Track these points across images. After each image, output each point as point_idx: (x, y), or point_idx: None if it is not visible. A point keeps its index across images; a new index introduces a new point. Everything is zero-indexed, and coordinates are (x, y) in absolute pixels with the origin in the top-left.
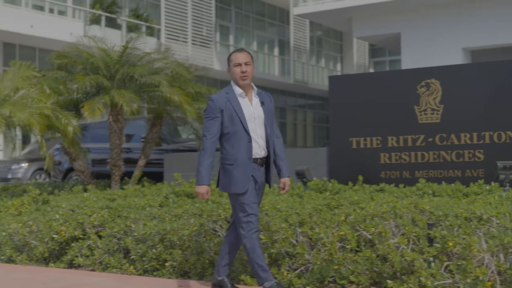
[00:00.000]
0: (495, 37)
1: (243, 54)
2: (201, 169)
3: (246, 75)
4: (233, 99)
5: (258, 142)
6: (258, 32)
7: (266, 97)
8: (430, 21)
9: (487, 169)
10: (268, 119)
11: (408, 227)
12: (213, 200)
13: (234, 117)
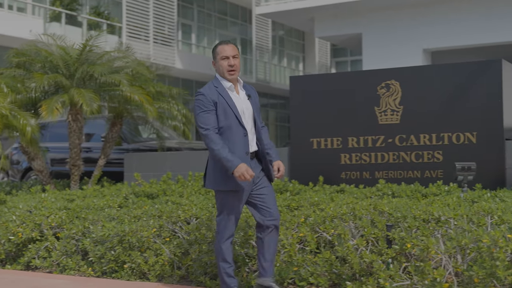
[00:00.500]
0: (455, 39)
1: (230, 46)
2: (224, 154)
3: (234, 69)
4: (223, 92)
5: (249, 137)
6: (220, 31)
7: (251, 90)
8: (391, 22)
9: (446, 170)
10: (257, 112)
11: (367, 228)
12: (173, 201)
13: (227, 111)
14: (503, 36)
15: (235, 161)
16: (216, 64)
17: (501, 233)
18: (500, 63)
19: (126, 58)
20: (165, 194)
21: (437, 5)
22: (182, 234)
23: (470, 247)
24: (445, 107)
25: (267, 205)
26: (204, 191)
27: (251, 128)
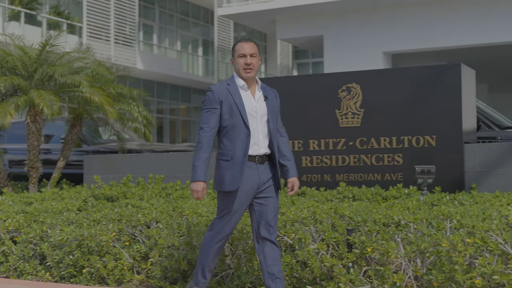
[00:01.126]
0: (415, 42)
1: (249, 44)
2: (196, 164)
3: (251, 68)
4: (234, 90)
5: (257, 138)
6: (182, 31)
7: (270, 92)
8: (352, 24)
9: (406, 173)
10: (271, 115)
11: (327, 232)
12: (133, 205)
13: (233, 109)
14: (463, 39)
15: (198, 175)
16: (234, 61)
17: (460, 237)
18: (459, 67)
19: (86, 59)
20: (125, 197)
21: (397, 9)
22: (142, 238)
23: (430, 251)
24: (405, 110)
25: (264, 216)
26: (165, 194)
27: (262, 130)
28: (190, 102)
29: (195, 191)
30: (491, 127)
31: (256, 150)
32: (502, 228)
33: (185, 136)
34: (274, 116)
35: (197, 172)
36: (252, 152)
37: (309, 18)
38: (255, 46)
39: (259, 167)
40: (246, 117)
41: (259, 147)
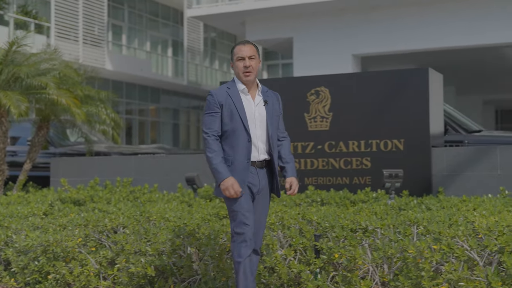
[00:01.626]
0: (385, 45)
1: (248, 46)
2: (216, 164)
3: (250, 71)
4: (234, 94)
5: (256, 144)
6: (152, 32)
7: (271, 96)
8: (321, 27)
9: (374, 176)
10: (271, 120)
11: (295, 238)
12: (100, 209)
13: (234, 114)
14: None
15: (224, 174)
16: (233, 65)
17: (427, 244)
18: (427, 72)
19: (53, 60)
20: (92, 200)
21: (367, 12)
22: (109, 243)
23: (397, 257)
24: (373, 114)
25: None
26: (133, 197)
27: (260, 136)
28: (160, 103)
29: (228, 188)
30: (458, 131)
31: (255, 156)
32: (468, 234)
33: (155, 137)
34: (274, 122)
35: (220, 171)
36: (252, 158)
37: (278, 20)
38: (254, 48)
39: (259, 172)
40: (246, 122)
41: (258, 154)
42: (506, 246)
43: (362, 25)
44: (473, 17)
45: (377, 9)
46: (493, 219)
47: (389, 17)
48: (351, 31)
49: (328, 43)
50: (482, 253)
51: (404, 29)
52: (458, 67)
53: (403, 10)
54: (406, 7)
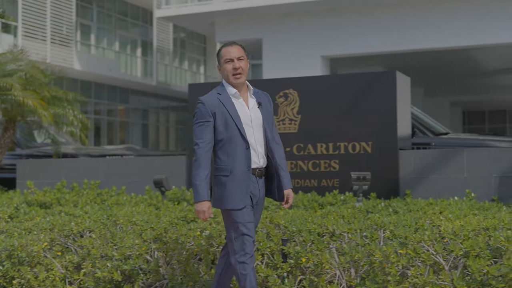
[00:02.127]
0: (353, 47)
1: (235, 47)
2: (197, 183)
3: (240, 72)
4: (226, 100)
5: (256, 149)
6: (121, 32)
7: (263, 97)
8: (291, 28)
9: (342, 179)
10: (267, 122)
11: (262, 242)
12: (66, 212)
13: (228, 121)
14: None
15: (202, 196)
16: (221, 68)
17: (393, 248)
18: (395, 75)
19: (20, 61)
20: (59, 203)
21: (335, 14)
22: (75, 247)
23: (363, 261)
24: (341, 117)
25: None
26: (100, 200)
27: (260, 140)
28: (129, 103)
29: (200, 211)
30: (425, 134)
31: (256, 162)
32: (434, 238)
33: (123, 137)
34: (270, 123)
35: (199, 192)
36: (253, 164)
37: (248, 21)
38: (241, 49)
39: (259, 181)
40: (242, 128)
41: (259, 159)
42: (471, 250)
43: (331, 27)
44: (440, 20)
45: (346, 11)
46: (459, 223)
47: (358, 19)
48: (320, 33)
49: (297, 44)
50: (447, 257)
51: (373, 32)
52: (426, 69)
53: (372, 13)
54: (375, 9)
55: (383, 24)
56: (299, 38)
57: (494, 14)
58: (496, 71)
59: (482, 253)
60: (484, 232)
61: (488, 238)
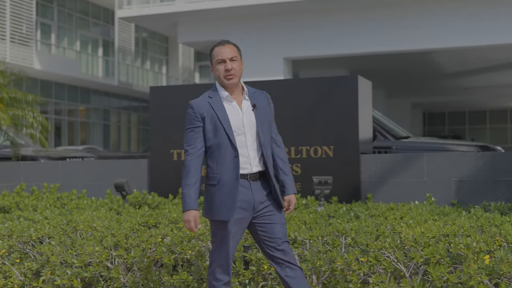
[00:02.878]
0: (316, 48)
1: (227, 47)
2: (185, 191)
3: (232, 74)
4: (216, 104)
5: (248, 156)
6: (82, 31)
7: (260, 98)
8: (253, 30)
9: (304, 183)
10: (261, 126)
11: None
12: (26, 217)
13: (217, 127)
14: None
15: (189, 205)
16: (213, 69)
17: (354, 256)
18: (356, 79)
19: None
20: (18, 207)
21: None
22: (34, 254)
23: (325, 268)
24: (303, 120)
25: (272, 238)
26: (60, 204)
27: (251, 145)
28: (90, 103)
29: (186, 221)
30: (386, 137)
31: (247, 169)
32: (395, 246)
33: (84, 138)
34: (266, 126)
35: (186, 201)
36: (243, 171)
37: (211, 22)
38: (235, 48)
39: (252, 184)
40: (232, 135)
41: (251, 166)
42: (432, 257)
43: (294, 29)
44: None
45: (309, 14)
46: (419, 230)
47: (320, 22)
48: (283, 35)
49: (259, 46)
50: (408, 264)
51: (335, 34)
52: (387, 71)
53: (334, 16)
54: (337, 12)
55: (345, 26)
56: (261, 39)
57: (454, 18)
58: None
59: (442, 260)
60: (444, 239)
61: (448, 245)
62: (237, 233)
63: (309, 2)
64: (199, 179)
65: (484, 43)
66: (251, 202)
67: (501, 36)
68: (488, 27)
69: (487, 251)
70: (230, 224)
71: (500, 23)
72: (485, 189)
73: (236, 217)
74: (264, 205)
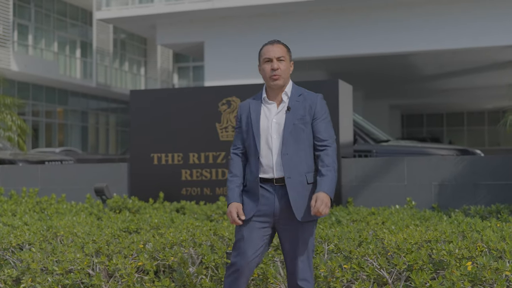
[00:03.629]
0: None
1: (277, 46)
2: (228, 186)
3: (278, 74)
4: (255, 105)
5: (271, 159)
6: (59, 32)
7: (304, 101)
8: (232, 32)
9: None
10: (288, 129)
11: (207, 256)
12: (5, 223)
13: (249, 128)
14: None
15: (229, 199)
16: (260, 69)
17: (338, 263)
18: (337, 83)
19: None
20: None
21: (277, 18)
22: (14, 260)
23: None
24: None
25: (290, 258)
26: (40, 209)
27: (276, 148)
28: (68, 105)
29: (228, 213)
30: (367, 141)
31: (270, 173)
32: (378, 252)
33: (62, 140)
34: (295, 130)
35: (228, 195)
36: (266, 175)
37: (190, 24)
38: (284, 48)
39: (277, 190)
40: (258, 136)
41: (274, 170)
42: (414, 264)
43: (272, 31)
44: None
45: (287, 16)
46: (402, 236)
47: (299, 24)
48: (261, 37)
49: (239, 48)
50: (391, 270)
51: (314, 36)
52: (366, 73)
53: (312, 18)
54: (315, 15)
55: (325, 29)
56: (240, 41)
57: (431, 21)
58: (434, 76)
59: (425, 266)
60: (426, 245)
61: (431, 251)
62: (251, 237)
63: (287, 5)
64: (239, 174)
65: (462, 46)
66: (271, 208)
67: (479, 39)
68: (465, 30)
69: (469, 257)
70: (246, 225)
71: (478, 26)
72: (465, 193)
73: (251, 221)
74: (287, 213)
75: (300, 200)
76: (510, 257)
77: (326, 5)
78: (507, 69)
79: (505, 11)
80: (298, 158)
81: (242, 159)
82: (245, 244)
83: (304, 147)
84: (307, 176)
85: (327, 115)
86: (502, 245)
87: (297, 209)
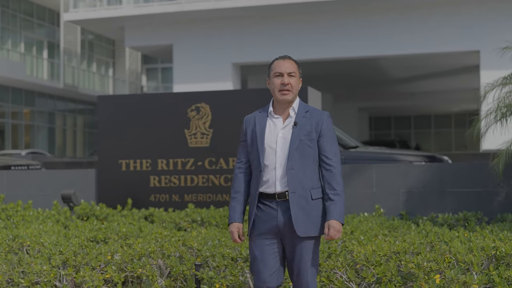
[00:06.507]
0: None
1: (288, 62)
2: (230, 205)
3: (288, 89)
4: (261, 118)
5: (274, 174)
6: (26, 33)
7: (311, 117)
8: (201, 34)
9: None
10: (294, 145)
11: (175, 267)
12: None
13: (253, 141)
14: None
15: (230, 218)
16: (269, 82)
17: None
18: (306, 90)
19: None
20: None
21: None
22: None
23: None
24: None
25: (294, 273)
26: (5, 216)
27: (280, 163)
28: (34, 106)
29: (230, 233)
30: None
31: (272, 188)
32: (347, 264)
33: (29, 141)
34: (301, 146)
35: (230, 214)
36: (269, 189)
37: (158, 27)
38: (295, 64)
39: (280, 205)
40: (263, 150)
41: (276, 185)
42: (383, 276)
43: (241, 34)
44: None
45: (257, 19)
46: (371, 248)
47: (268, 27)
48: (230, 40)
49: (207, 51)
50: (360, 282)
51: (283, 39)
52: (334, 76)
53: (282, 21)
54: (284, 18)
55: (293, 32)
56: (209, 44)
57: (400, 27)
58: (402, 79)
59: (394, 279)
60: (395, 257)
61: (399, 263)
62: (263, 255)
63: (257, 8)
64: (243, 191)
65: (429, 51)
66: (275, 224)
67: (445, 44)
68: (433, 36)
69: (437, 270)
70: (254, 242)
71: (444, 32)
72: (432, 200)
73: (259, 240)
74: (289, 228)
75: (303, 216)
76: (478, 269)
77: (294, 9)
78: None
79: (471, 17)
80: (303, 174)
81: (245, 173)
82: (259, 264)
83: (309, 163)
84: (312, 192)
85: (332, 133)
86: (470, 257)
87: (298, 224)
